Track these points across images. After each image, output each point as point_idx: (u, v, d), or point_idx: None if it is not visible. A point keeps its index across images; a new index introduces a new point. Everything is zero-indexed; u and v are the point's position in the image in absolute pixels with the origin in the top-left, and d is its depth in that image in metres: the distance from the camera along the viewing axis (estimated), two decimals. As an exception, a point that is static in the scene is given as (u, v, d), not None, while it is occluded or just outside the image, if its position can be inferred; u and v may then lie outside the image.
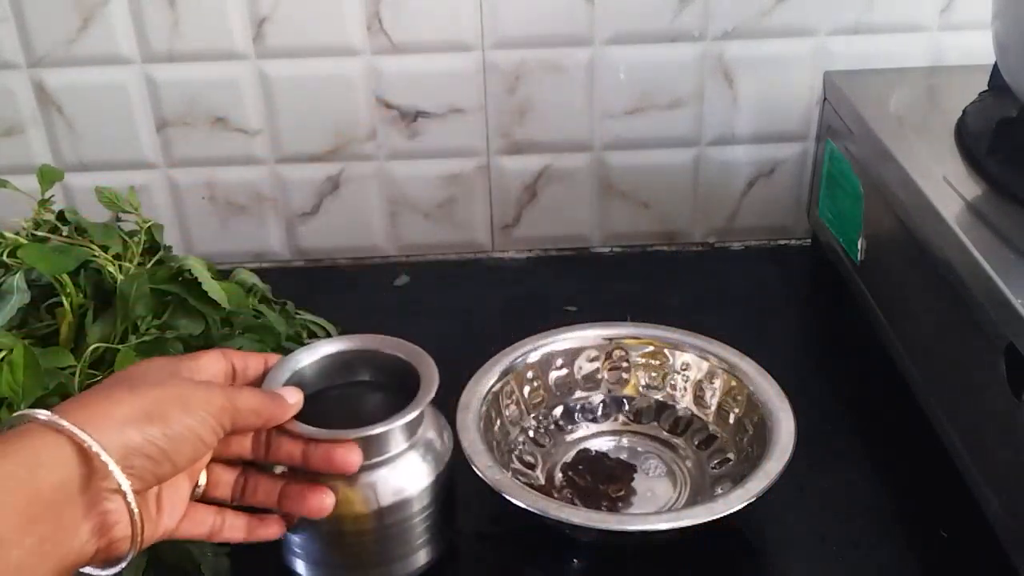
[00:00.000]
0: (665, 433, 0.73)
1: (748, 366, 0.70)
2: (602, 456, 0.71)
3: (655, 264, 0.98)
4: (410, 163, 0.95)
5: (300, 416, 0.57)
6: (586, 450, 0.71)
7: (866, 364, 0.79)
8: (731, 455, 0.69)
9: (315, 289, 0.94)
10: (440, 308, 0.90)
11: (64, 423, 0.44)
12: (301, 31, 0.87)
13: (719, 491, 0.66)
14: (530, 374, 0.72)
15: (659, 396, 0.74)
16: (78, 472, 0.44)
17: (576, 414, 0.74)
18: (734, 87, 0.92)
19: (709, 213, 0.99)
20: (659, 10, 0.88)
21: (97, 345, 0.65)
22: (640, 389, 0.74)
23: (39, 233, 0.71)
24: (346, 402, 0.62)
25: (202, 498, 0.54)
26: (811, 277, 0.96)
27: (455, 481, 0.62)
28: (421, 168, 0.95)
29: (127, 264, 0.71)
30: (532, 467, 0.69)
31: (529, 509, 0.59)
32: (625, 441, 0.73)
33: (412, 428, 0.59)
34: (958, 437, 0.64)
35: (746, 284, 0.93)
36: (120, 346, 0.65)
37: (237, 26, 0.87)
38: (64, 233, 0.71)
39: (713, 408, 0.71)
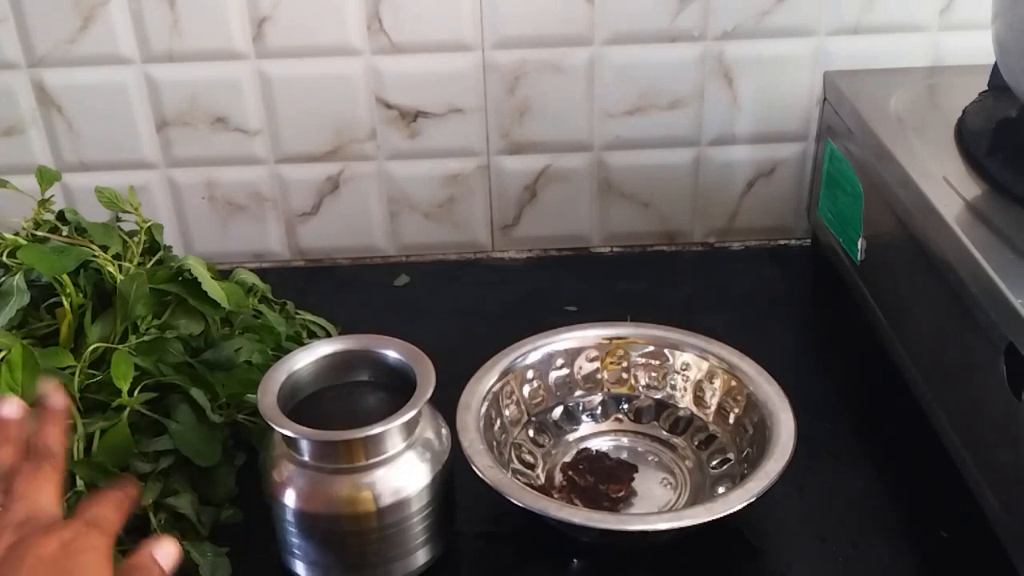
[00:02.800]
0: (665, 433, 0.73)
1: (748, 366, 0.70)
2: (602, 456, 0.70)
3: (655, 264, 0.98)
4: (410, 163, 0.95)
5: (299, 417, 0.57)
6: (586, 450, 0.71)
7: (866, 364, 0.79)
8: (731, 455, 0.69)
9: (315, 289, 0.94)
10: (440, 308, 0.90)
11: None
12: (301, 31, 0.87)
13: (719, 491, 0.66)
14: (530, 374, 0.72)
15: (659, 396, 0.74)
16: None
17: (576, 414, 0.74)
18: (734, 87, 0.92)
19: (709, 213, 0.98)
20: (659, 10, 0.88)
21: (97, 345, 0.65)
22: (640, 389, 0.74)
23: (39, 233, 0.71)
24: (344, 402, 0.62)
25: None
26: (811, 277, 0.95)
27: (454, 481, 0.62)
28: (421, 168, 0.95)
29: (127, 264, 0.71)
30: (532, 467, 0.69)
31: (529, 509, 0.59)
32: (625, 441, 0.73)
33: (410, 428, 0.59)
34: (958, 437, 0.64)
35: (746, 284, 0.93)
36: (119, 346, 0.65)
37: (237, 26, 0.87)
38: (64, 233, 0.72)
39: (713, 408, 0.71)
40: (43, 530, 0.47)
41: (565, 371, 0.74)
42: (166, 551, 0.51)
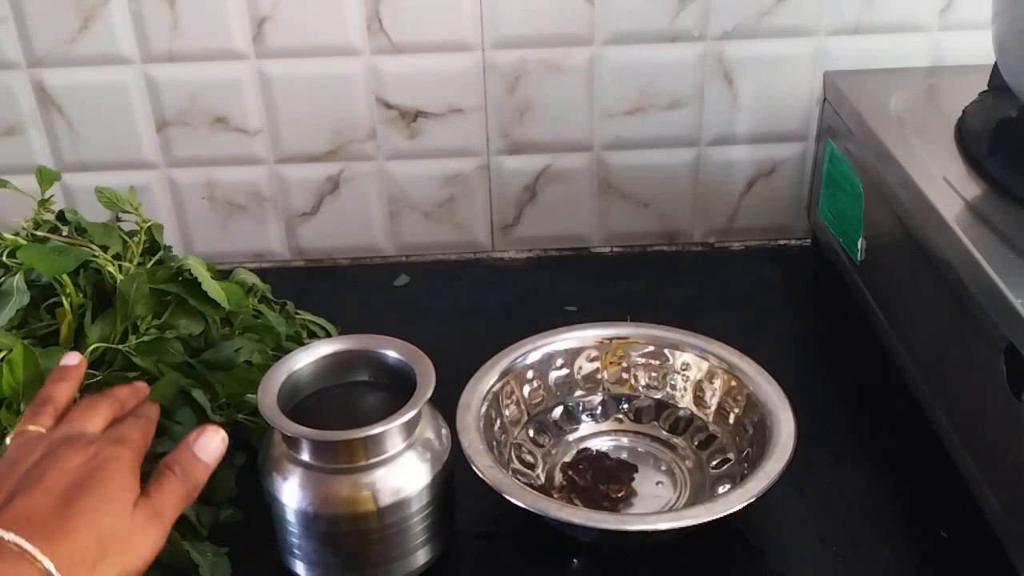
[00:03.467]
0: (665, 433, 0.73)
1: (748, 366, 0.70)
2: (602, 456, 0.70)
3: (655, 264, 0.98)
4: (410, 163, 0.95)
5: (299, 417, 0.57)
6: (586, 450, 0.71)
7: (866, 364, 0.79)
8: (731, 455, 0.69)
9: (315, 289, 0.94)
10: (440, 308, 0.90)
11: (28, 547, 0.43)
12: (301, 31, 0.87)
13: (719, 491, 0.66)
14: (530, 374, 0.72)
15: (659, 396, 0.74)
16: None
17: (576, 414, 0.74)
18: (734, 87, 0.92)
19: (709, 213, 0.98)
20: (659, 10, 0.88)
21: (97, 345, 0.65)
22: (640, 389, 0.74)
23: (39, 233, 0.71)
24: (344, 402, 0.62)
25: None
26: (811, 277, 0.95)
27: (454, 481, 0.62)
28: (421, 168, 0.95)
29: (127, 264, 0.71)
30: (532, 467, 0.69)
31: (529, 509, 0.59)
32: (625, 441, 0.73)
33: (410, 428, 0.59)
34: (958, 437, 0.64)
35: (746, 284, 0.93)
36: (120, 346, 0.65)
37: (237, 26, 0.87)
38: (64, 233, 0.72)
39: (713, 408, 0.71)
40: (71, 444, 0.48)
41: (565, 371, 0.74)
42: (210, 444, 0.51)
